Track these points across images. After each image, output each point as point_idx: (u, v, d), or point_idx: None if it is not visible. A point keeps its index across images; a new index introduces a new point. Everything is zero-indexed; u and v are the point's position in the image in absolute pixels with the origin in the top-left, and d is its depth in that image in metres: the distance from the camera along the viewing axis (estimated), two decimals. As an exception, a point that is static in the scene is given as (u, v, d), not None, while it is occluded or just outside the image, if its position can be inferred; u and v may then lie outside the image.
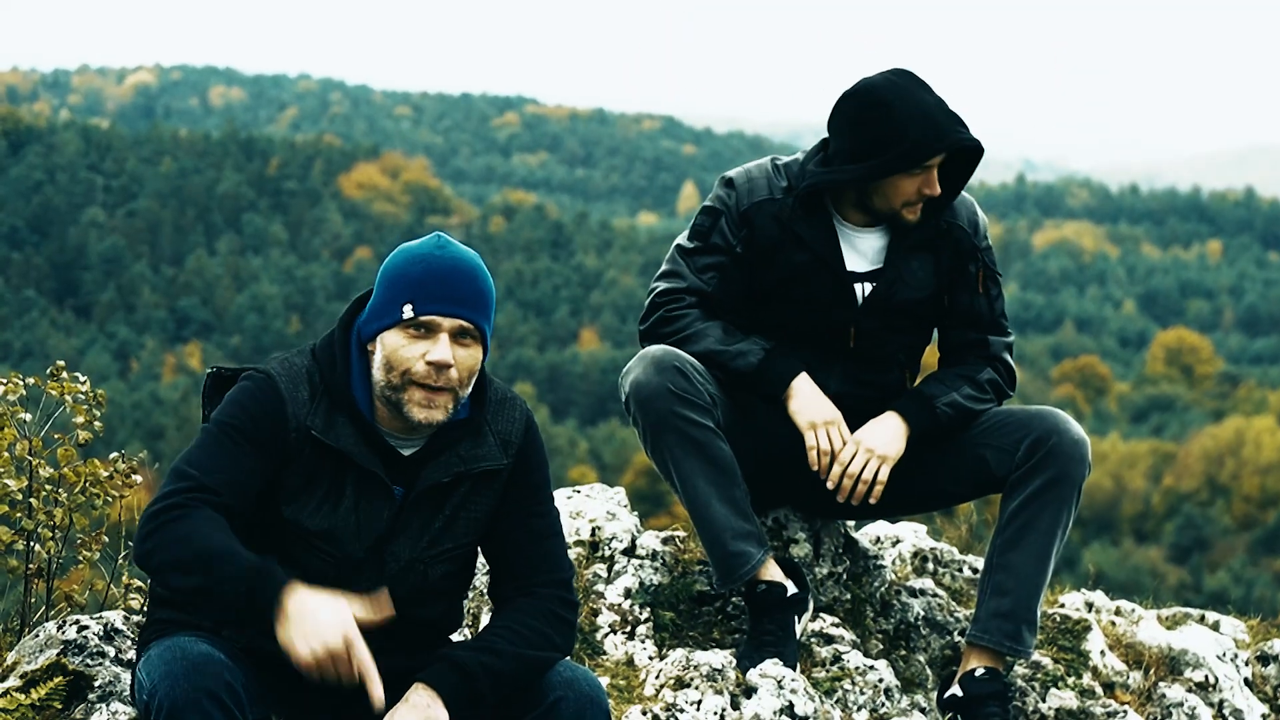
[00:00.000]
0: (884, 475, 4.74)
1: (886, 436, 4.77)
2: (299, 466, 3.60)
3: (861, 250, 4.85)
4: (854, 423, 4.86)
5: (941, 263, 4.87)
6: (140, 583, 4.69)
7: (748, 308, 4.89)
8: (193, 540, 3.41)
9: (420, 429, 3.62)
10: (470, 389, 3.63)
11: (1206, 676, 5.33)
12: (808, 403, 4.76)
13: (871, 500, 4.76)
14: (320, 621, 3.34)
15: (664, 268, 4.94)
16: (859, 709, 4.74)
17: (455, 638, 3.90)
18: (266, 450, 3.57)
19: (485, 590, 4.61)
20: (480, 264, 3.64)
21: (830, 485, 4.76)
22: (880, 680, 4.82)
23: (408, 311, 3.56)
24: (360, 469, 3.60)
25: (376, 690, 3.38)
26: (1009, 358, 5.00)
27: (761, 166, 4.91)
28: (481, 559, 4.16)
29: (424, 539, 3.67)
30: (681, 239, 4.92)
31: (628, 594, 5.00)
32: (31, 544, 4.62)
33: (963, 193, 4.88)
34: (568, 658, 3.73)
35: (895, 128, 4.62)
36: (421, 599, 3.70)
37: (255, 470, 3.56)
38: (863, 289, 4.84)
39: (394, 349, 3.57)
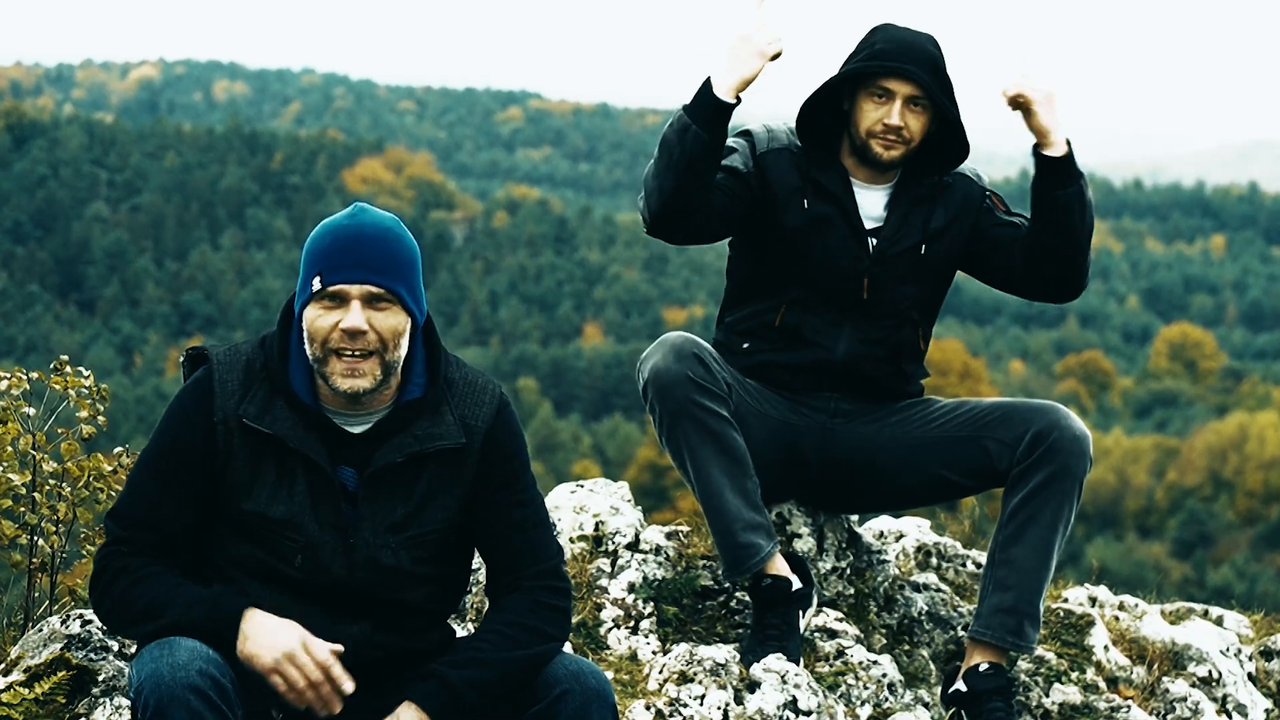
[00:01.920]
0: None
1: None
2: (240, 459, 3.58)
3: (868, 208, 4.90)
4: (863, 391, 4.88)
5: (950, 212, 4.91)
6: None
7: (761, 262, 4.90)
8: (136, 597, 3.51)
9: (361, 402, 3.58)
10: (399, 351, 3.58)
11: (1210, 671, 5.32)
12: (731, 63, 4.68)
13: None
14: (276, 631, 3.44)
15: None
16: (862, 704, 4.74)
17: (459, 633, 3.89)
18: (195, 463, 3.58)
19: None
20: (394, 228, 3.61)
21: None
22: (884, 675, 4.82)
23: (316, 284, 3.56)
24: (303, 454, 3.58)
25: (345, 683, 3.46)
26: None
27: (778, 124, 4.98)
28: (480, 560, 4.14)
29: (388, 523, 3.63)
30: None
31: (631, 589, 5.00)
32: (35, 538, 4.63)
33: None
34: (572, 652, 3.73)
35: (869, 40, 4.81)
36: (401, 583, 3.66)
37: (187, 492, 3.58)
38: (873, 242, 4.87)
39: (311, 321, 3.56)
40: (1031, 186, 4.81)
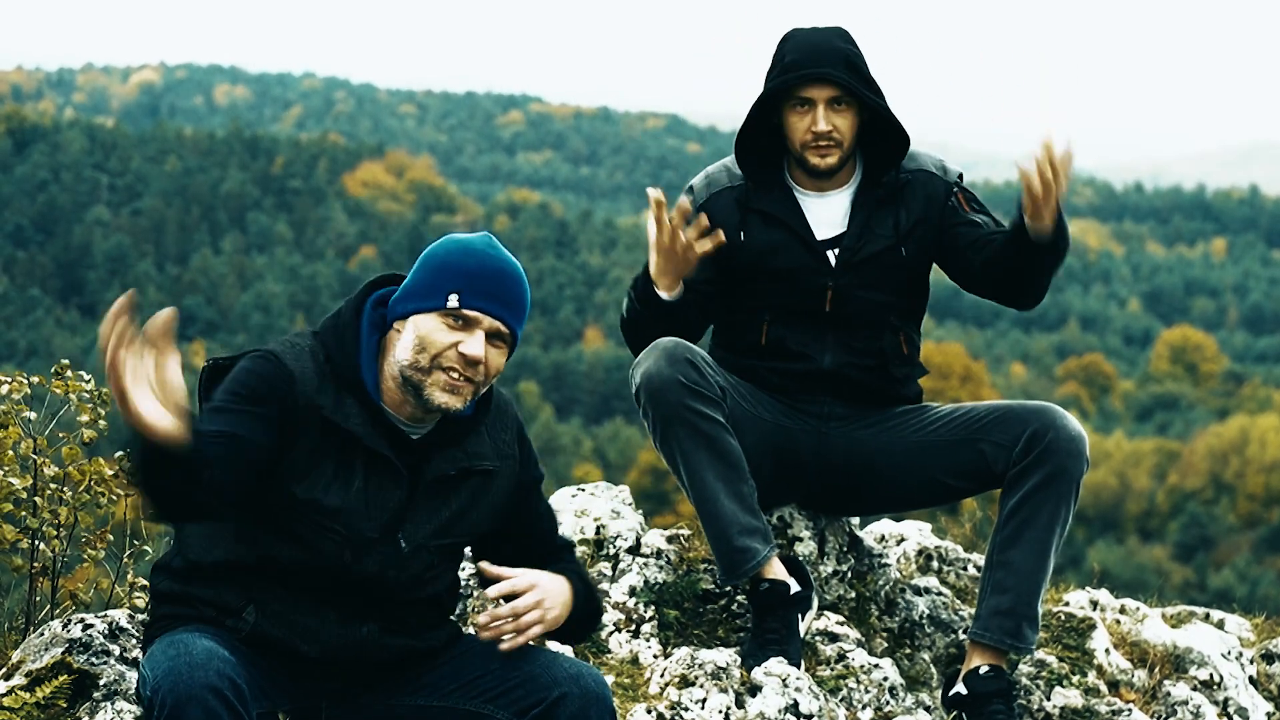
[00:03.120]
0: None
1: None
2: (305, 444, 3.57)
3: (824, 218, 4.89)
4: (856, 397, 4.88)
5: (912, 212, 4.88)
6: (144, 581, 4.69)
7: (729, 293, 4.91)
8: None
9: (429, 416, 3.63)
10: (487, 388, 3.68)
11: (1211, 675, 5.32)
12: (656, 266, 4.69)
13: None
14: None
15: None
16: (863, 707, 4.74)
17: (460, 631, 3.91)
18: (271, 420, 3.52)
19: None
20: (523, 272, 3.68)
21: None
22: (885, 679, 4.83)
23: (453, 300, 3.57)
24: (369, 450, 3.60)
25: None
26: None
27: (719, 164, 4.99)
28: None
29: (433, 526, 3.68)
30: None
31: (632, 592, 5.01)
32: (36, 542, 4.63)
33: (930, 151, 4.94)
34: (572, 655, 3.75)
35: (780, 53, 4.79)
36: (425, 581, 3.71)
37: (254, 436, 3.49)
38: (834, 254, 4.87)
39: (429, 332, 3.57)
40: (1012, 226, 4.69)
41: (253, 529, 3.59)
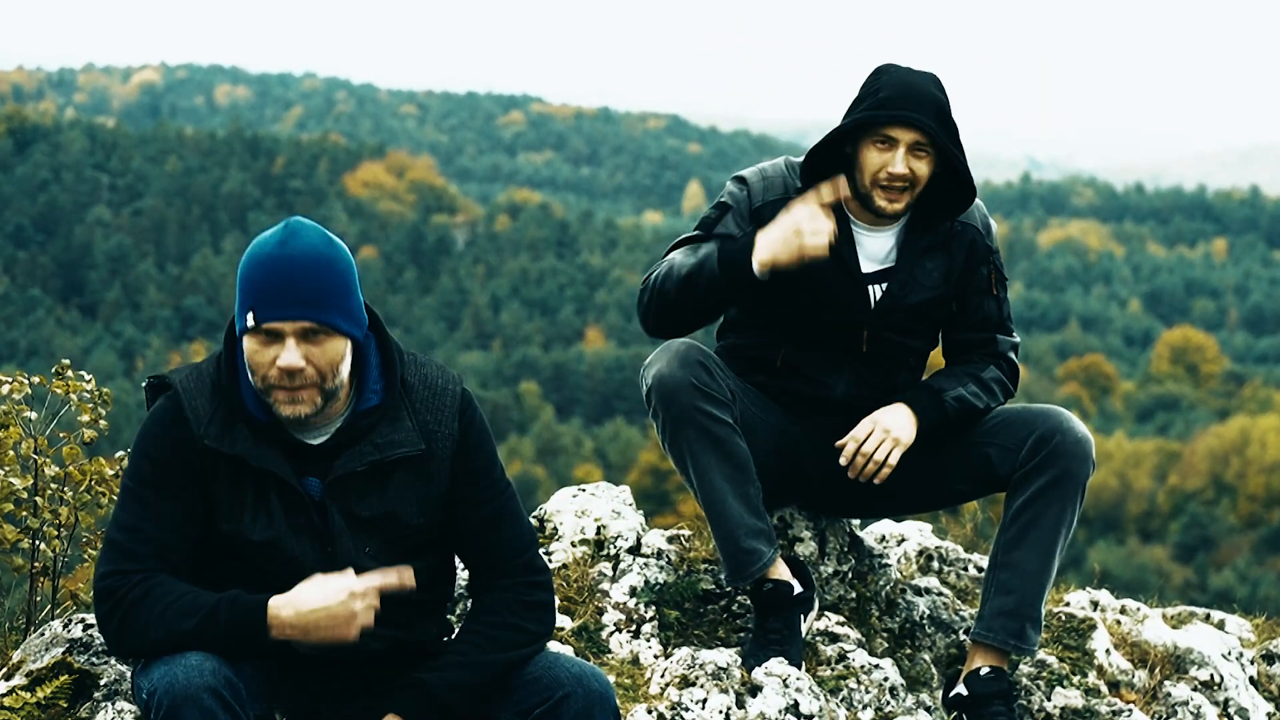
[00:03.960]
0: (894, 459, 4.76)
1: (902, 421, 4.79)
2: (219, 482, 3.57)
3: (872, 252, 4.83)
4: (862, 416, 4.87)
5: (954, 263, 4.86)
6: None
7: (757, 308, 4.88)
8: (151, 628, 3.45)
9: (312, 419, 3.56)
10: (339, 378, 3.55)
11: (1212, 675, 5.32)
12: (774, 246, 4.62)
13: (877, 481, 4.78)
14: (322, 585, 3.46)
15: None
16: (864, 708, 4.74)
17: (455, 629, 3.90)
18: (183, 487, 3.55)
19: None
20: (324, 254, 3.52)
21: (844, 461, 4.77)
22: (885, 679, 4.82)
23: (250, 320, 3.50)
24: (269, 471, 3.56)
25: (405, 577, 3.54)
26: (1014, 357, 5.00)
27: (776, 166, 4.89)
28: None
29: (359, 528, 3.62)
30: (685, 235, 4.91)
31: (633, 592, 5.00)
32: (37, 542, 4.63)
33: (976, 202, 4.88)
34: (573, 655, 3.73)
35: (873, 86, 4.70)
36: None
37: (181, 515, 3.55)
38: (875, 291, 4.83)
39: (250, 354, 3.53)
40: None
41: (203, 568, 3.60)
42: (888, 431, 4.76)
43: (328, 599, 3.45)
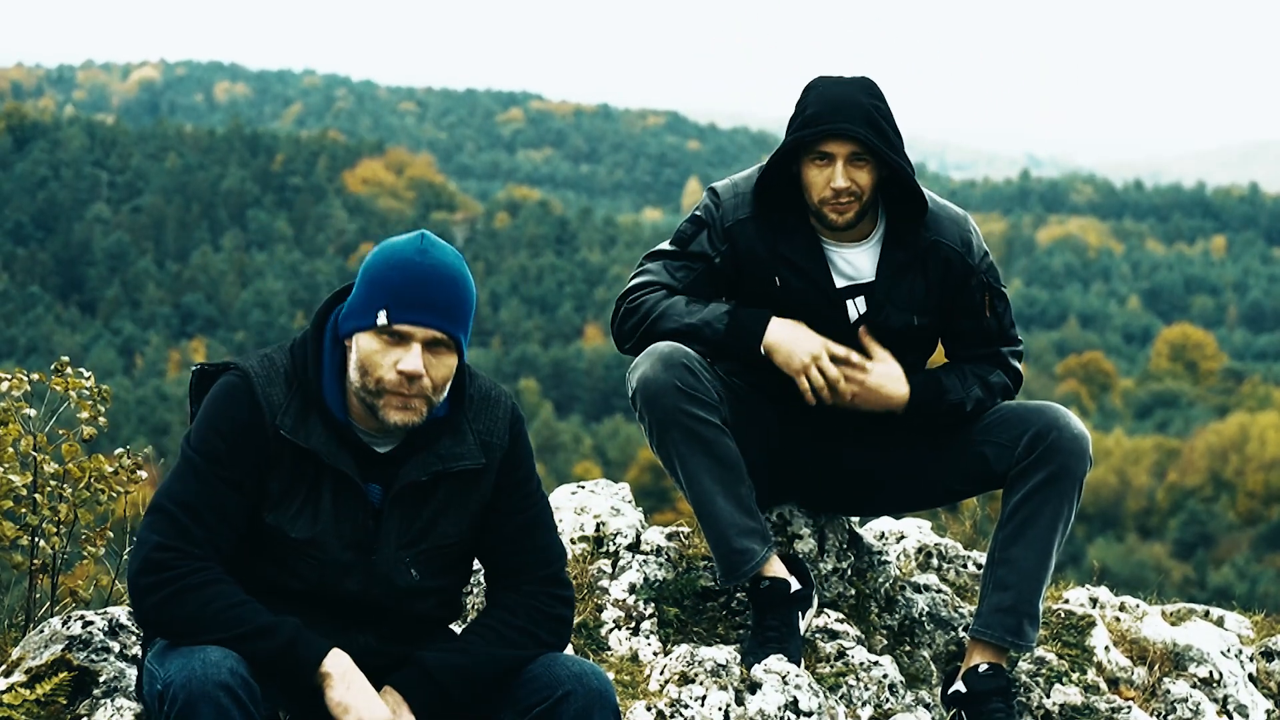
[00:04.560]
0: (845, 388, 4.72)
1: (896, 378, 4.79)
2: (280, 472, 3.58)
3: (846, 267, 4.82)
4: (857, 439, 4.87)
5: (932, 282, 4.83)
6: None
7: None
8: (202, 624, 3.44)
9: (396, 429, 3.60)
10: (443, 395, 3.59)
11: (1211, 672, 5.33)
12: (788, 348, 4.69)
13: (825, 398, 4.74)
14: (370, 702, 3.48)
15: (634, 271, 4.91)
16: (863, 705, 4.74)
17: (456, 629, 3.90)
18: (247, 472, 3.55)
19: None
20: (460, 270, 3.60)
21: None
22: (884, 676, 4.83)
23: (381, 318, 3.52)
24: (335, 470, 3.58)
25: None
26: (1018, 364, 4.99)
27: (749, 179, 4.86)
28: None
29: (406, 538, 3.64)
30: (661, 245, 4.92)
31: (632, 589, 5.01)
32: (36, 539, 4.63)
33: (953, 209, 4.86)
34: (573, 653, 3.73)
35: (802, 104, 4.67)
36: (412, 596, 3.68)
37: (237, 504, 3.54)
38: (853, 306, 4.83)
39: (367, 354, 3.54)
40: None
41: (240, 554, 3.60)
42: (875, 385, 4.76)
43: (375, 713, 3.46)
